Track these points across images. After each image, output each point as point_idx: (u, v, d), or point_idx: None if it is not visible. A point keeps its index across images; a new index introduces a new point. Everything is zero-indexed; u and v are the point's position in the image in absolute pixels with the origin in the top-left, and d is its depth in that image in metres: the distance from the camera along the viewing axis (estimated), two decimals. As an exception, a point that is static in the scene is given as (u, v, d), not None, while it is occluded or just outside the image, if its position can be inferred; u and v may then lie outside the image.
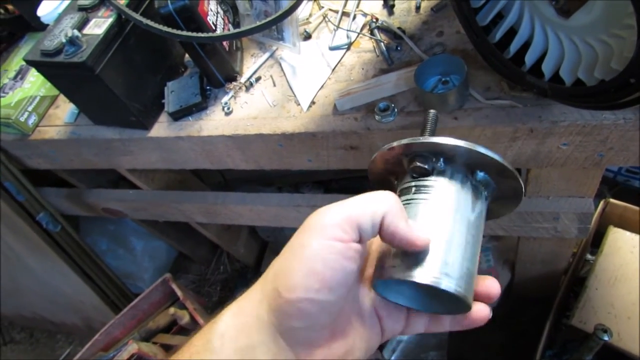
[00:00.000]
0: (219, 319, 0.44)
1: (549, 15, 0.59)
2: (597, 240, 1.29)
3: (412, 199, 0.46)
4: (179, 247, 1.97)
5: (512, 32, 0.64)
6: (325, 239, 0.41)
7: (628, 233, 1.23)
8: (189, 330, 1.49)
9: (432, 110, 0.53)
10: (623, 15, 0.50)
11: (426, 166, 0.46)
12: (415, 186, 0.47)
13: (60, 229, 1.35)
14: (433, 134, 0.52)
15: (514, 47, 0.64)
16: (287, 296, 0.40)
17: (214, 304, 2.03)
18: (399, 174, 0.51)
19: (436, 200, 0.45)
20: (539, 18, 0.61)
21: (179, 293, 1.47)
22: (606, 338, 1.01)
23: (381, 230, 0.43)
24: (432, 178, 0.47)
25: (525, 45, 0.64)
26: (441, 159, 0.46)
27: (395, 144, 0.47)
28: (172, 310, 1.48)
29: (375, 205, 0.43)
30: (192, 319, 1.46)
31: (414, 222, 0.45)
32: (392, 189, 0.49)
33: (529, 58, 0.63)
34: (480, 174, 0.47)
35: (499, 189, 0.48)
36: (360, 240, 0.43)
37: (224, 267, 2.12)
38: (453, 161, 0.46)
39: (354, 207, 0.43)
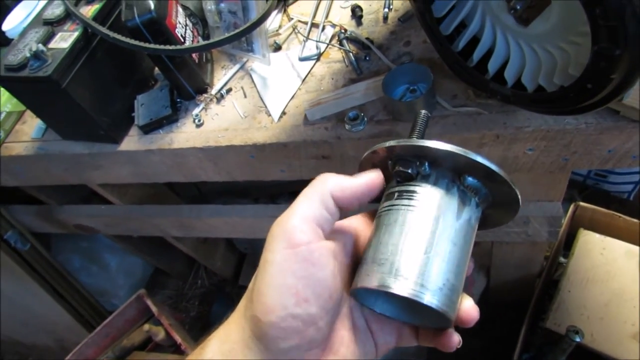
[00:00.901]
0: (206, 345, 0.42)
1: (509, 24, 0.60)
2: (569, 243, 1.31)
3: (394, 205, 0.44)
4: (154, 262, 1.95)
5: (475, 41, 0.65)
6: (287, 248, 0.40)
7: (597, 235, 1.25)
8: (165, 346, 1.47)
9: (423, 111, 0.50)
10: (578, 23, 0.52)
11: (409, 170, 0.44)
12: (398, 191, 0.45)
13: (29, 248, 1.32)
14: (422, 136, 0.48)
15: (477, 55, 0.65)
16: (267, 319, 0.39)
17: (192, 319, 2.01)
18: (387, 178, 0.48)
19: (417, 207, 0.43)
20: (500, 26, 0.62)
21: (153, 309, 1.45)
22: (578, 339, 1.02)
23: (341, 204, 0.43)
24: (416, 183, 0.44)
25: (488, 53, 0.65)
26: (426, 163, 0.44)
27: (377, 147, 0.45)
28: (147, 326, 1.46)
29: (317, 188, 0.43)
30: (168, 335, 1.44)
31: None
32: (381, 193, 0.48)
33: (492, 66, 0.65)
34: (469, 179, 0.43)
35: (492, 195, 0.45)
36: (325, 235, 0.42)
37: (202, 281, 2.11)
38: (438, 165, 0.44)
39: (302, 203, 0.42)
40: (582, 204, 1.31)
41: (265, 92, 0.92)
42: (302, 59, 0.94)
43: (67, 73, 0.83)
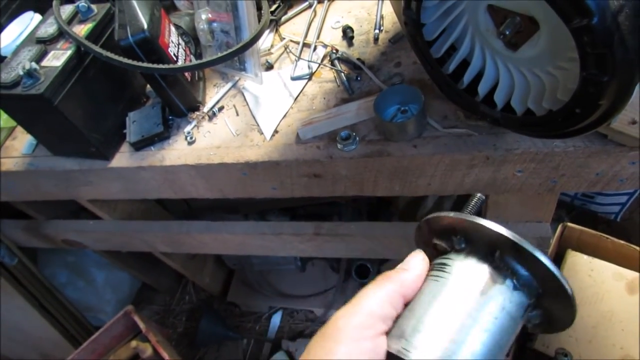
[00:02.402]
0: None
1: (498, 48, 0.61)
2: (557, 264, 1.32)
3: (429, 276, 0.45)
4: (142, 277, 1.93)
5: (465, 64, 0.67)
6: (353, 342, 0.41)
7: (585, 256, 1.25)
8: (152, 364, 1.46)
9: (479, 194, 0.50)
10: (566, 48, 0.53)
11: (443, 243, 0.46)
12: (435, 263, 0.46)
13: (17, 262, 1.31)
14: (474, 213, 0.48)
15: (467, 78, 0.66)
16: None
17: (179, 335, 1.99)
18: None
19: (442, 280, 0.43)
20: (490, 50, 0.63)
21: (141, 325, 1.44)
22: (567, 361, 1.02)
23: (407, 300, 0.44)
24: (449, 256, 0.45)
25: (478, 76, 0.66)
26: (462, 238, 0.44)
27: (421, 222, 0.47)
28: (134, 343, 1.44)
29: (387, 288, 0.44)
30: (155, 351, 1.42)
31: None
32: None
33: (482, 88, 0.66)
34: (507, 258, 0.42)
35: (537, 281, 0.42)
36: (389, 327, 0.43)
37: (190, 297, 2.09)
38: (472, 241, 0.44)
39: (370, 300, 0.43)
40: (569, 225, 1.31)
41: (257, 110, 0.93)
42: (294, 79, 0.95)
43: (59, 91, 0.83)
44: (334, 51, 0.93)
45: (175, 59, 0.87)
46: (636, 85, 0.49)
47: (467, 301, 0.41)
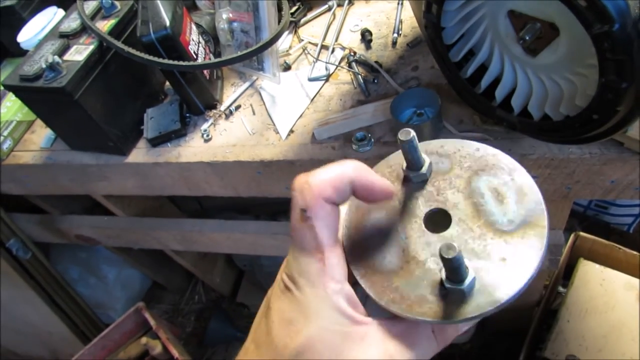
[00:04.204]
0: None
1: (517, 54, 0.62)
2: (568, 273, 1.31)
3: None
4: (153, 275, 1.94)
5: (483, 69, 0.67)
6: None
7: (597, 266, 1.25)
8: (161, 360, 1.47)
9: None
10: (586, 55, 0.53)
11: None
12: None
13: (30, 256, 1.32)
14: None
15: (484, 82, 0.67)
16: None
17: (188, 335, 1.99)
18: None
19: None
20: (508, 56, 0.63)
21: (152, 322, 1.45)
22: (577, 369, 1.02)
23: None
24: None
25: (496, 81, 0.66)
26: None
27: None
28: (144, 340, 1.46)
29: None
30: (165, 349, 1.43)
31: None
32: None
33: (499, 93, 0.66)
34: None
35: None
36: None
37: (199, 296, 2.09)
38: None
39: None
40: (582, 234, 1.31)
41: (273, 110, 0.94)
42: (311, 79, 0.96)
43: (80, 85, 0.85)
44: (352, 54, 0.94)
45: (195, 56, 0.88)
46: (655, 91, 0.49)
47: None
